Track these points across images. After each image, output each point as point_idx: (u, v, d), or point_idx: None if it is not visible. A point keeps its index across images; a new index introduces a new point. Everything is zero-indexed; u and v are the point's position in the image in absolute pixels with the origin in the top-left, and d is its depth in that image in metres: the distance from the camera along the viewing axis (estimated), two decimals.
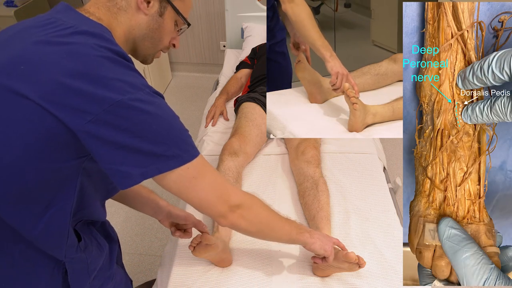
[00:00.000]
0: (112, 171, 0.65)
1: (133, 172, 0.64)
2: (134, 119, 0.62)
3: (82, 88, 0.60)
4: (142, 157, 0.64)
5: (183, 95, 3.20)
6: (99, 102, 0.60)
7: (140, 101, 0.63)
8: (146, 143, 0.64)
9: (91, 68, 0.61)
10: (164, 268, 1.20)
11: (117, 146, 0.62)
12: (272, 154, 1.61)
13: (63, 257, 0.75)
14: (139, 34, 0.77)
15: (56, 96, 0.60)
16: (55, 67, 0.61)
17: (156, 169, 0.66)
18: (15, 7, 2.86)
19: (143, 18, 0.75)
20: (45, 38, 0.64)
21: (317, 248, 0.99)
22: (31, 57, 0.63)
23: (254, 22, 2.63)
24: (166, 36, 0.80)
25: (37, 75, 0.61)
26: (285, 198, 1.41)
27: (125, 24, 0.75)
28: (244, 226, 0.83)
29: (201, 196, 0.74)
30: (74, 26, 0.66)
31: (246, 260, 1.16)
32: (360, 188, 1.43)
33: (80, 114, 0.60)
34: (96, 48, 0.63)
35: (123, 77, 0.63)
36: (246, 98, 1.72)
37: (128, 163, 0.64)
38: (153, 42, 0.79)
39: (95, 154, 0.64)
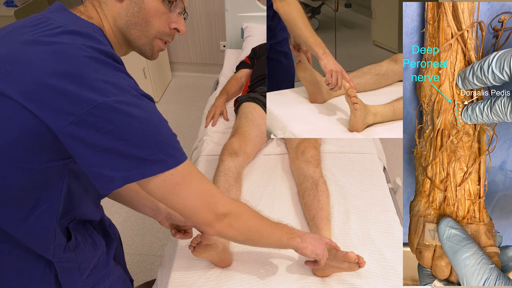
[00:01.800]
0: (93, 174, 0.63)
1: (115, 175, 0.63)
2: (118, 121, 0.60)
3: (65, 88, 0.59)
4: (125, 160, 0.62)
5: (183, 95, 3.20)
6: (82, 104, 0.59)
7: (125, 104, 0.61)
8: (129, 146, 0.62)
9: (75, 69, 0.60)
10: (164, 268, 1.20)
11: (99, 148, 0.61)
12: (272, 154, 1.62)
13: (52, 256, 0.75)
14: (123, 24, 0.73)
15: (39, 96, 0.59)
16: (39, 67, 0.60)
17: (139, 174, 0.64)
18: (15, 7, 2.86)
19: (121, 5, 0.71)
20: (33, 37, 0.63)
21: (309, 253, 0.98)
22: (17, 57, 0.61)
23: (254, 22, 2.63)
24: (154, 19, 0.74)
25: (21, 75, 0.60)
26: (285, 198, 1.41)
27: (109, 16, 0.72)
28: (232, 234, 0.81)
29: (185, 204, 0.72)
30: (64, 25, 0.65)
31: (246, 260, 1.16)
32: (360, 188, 1.43)
33: (62, 115, 0.59)
34: (83, 48, 0.62)
35: (109, 78, 0.62)
36: (246, 98, 1.72)
37: (111, 166, 0.62)
38: (140, 29, 0.74)
39: (77, 156, 0.62)
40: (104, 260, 0.89)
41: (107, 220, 0.98)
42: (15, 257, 0.72)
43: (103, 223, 0.93)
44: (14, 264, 0.73)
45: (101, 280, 0.88)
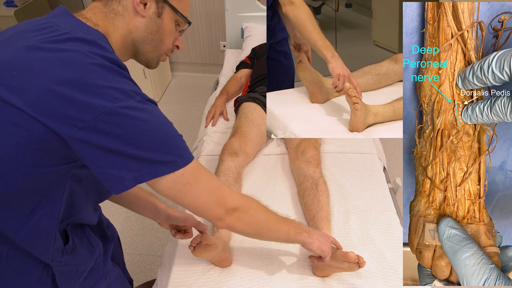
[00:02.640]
0: (104, 175, 0.64)
1: (126, 176, 0.64)
2: (126, 126, 0.62)
3: (73, 96, 0.59)
4: (135, 162, 0.64)
5: (183, 95, 3.20)
6: (90, 110, 0.60)
7: (132, 109, 0.62)
8: (139, 150, 0.63)
9: (82, 76, 0.61)
10: (164, 268, 1.20)
11: (109, 151, 0.62)
12: (272, 154, 1.62)
13: (50, 260, 0.75)
14: (139, 38, 0.76)
15: (46, 105, 0.59)
16: (46, 75, 0.60)
17: (150, 174, 0.66)
18: (15, 7, 2.86)
19: (141, 20, 0.74)
20: (38, 43, 0.63)
21: (315, 248, 0.99)
22: (22, 63, 0.62)
23: (254, 22, 2.63)
24: (167, 38, 0.79)
25: (28, 83, 0.60)
26: (285, 198, 1.41)
27: (123, 28, 0.74)
28: (242, 228, 0.84)
29: (196, 201, 0.74)
30: (70, 32, 0.66)
31: (246, 260, 1.16)
32: (360, 188, 1.43)
33: (71, 121, 0.60)
34: (89, 55, 0.63)
35: (115, 85, 0.63)
36: (246, 98, 1.72)
37: (121, 167, 0.63)
38: (154, 45, 0.78)
39: (87, 159, 0.63)
40: (102, 262, 0.89)
41: (105, 221, 0.98)
42: (12, 260, 0.72)
43: (100, 225, 0.93)
44: (10, 267, 0.73)
45: (98, 282, 0.88)
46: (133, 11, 0.73)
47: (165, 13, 0.76)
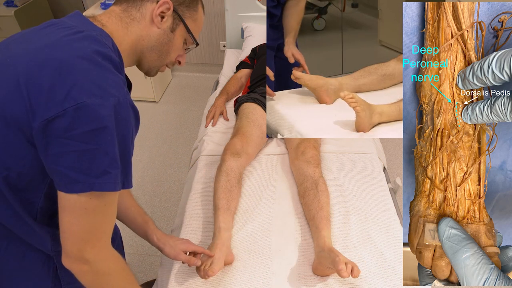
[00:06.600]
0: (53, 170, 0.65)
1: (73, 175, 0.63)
2: (86, 126, 0.61)
3: (50, 84, 0.61)
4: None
5: (183, 95, 3.20)
6: (61, 102, 0.60)
7: (102, 106, 0.62)
8: (95, 152, 0.63)
9: (65, 66, 0.62)
10: (164, 268, 1.20)
11: (68, 150, 0.62)
12: (272, 154, 1.61)
13: (50, 251, 0.76)
14: (148, 45, 0.79)
15: (32, 83, 0.62)
16: (36, 57, 0.64)
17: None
18: (15, 7, 2.86)
19: (154, 31, 0.78)
20: (44, 38, 0.67)
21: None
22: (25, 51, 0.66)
23: (254, 22, 2.63)
24: (174, 52, 0.83)
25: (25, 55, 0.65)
26: (285, 198, 1.41)
27: (135, 34, 0.77)
28: (80, 279, 0.73)
29: (71, 227, 0.68)
30: (71, 27, 0.69)
31: (246, 260, 1.16)
32: (360, 188, 1.43)
33: (43, 109, 0.60)
34: (81, 48, 0.65)
35: (98, 80, 0.63)
36: (246, 98, 1.72)
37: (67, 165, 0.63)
38: (160, 55, 0.81)
39: None
40: None
41: None
42: (14, 251, 0.73)
43: None
44: (13, 258, 0.74)
45: None
46: (150, 21, 0.77)
47: (178, 30, 0.80)
